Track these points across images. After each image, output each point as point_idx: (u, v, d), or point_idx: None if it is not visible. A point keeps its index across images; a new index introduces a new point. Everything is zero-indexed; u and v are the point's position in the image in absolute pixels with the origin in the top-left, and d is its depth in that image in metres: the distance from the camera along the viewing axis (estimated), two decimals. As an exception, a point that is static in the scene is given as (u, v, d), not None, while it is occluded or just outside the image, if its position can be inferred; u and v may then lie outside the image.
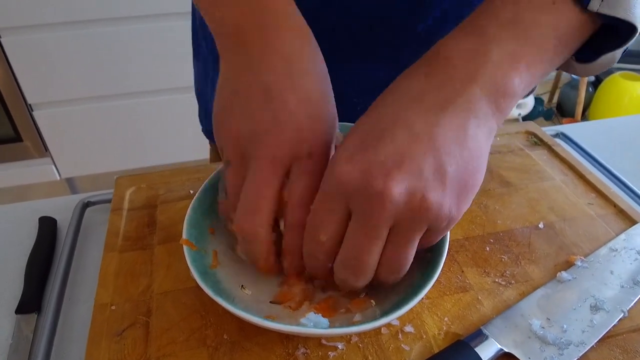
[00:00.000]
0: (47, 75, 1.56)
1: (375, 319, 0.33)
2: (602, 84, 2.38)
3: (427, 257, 0.37)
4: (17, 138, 1.69)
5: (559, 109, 2.53)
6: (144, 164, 1.81)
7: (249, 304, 0.37)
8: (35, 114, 1.64)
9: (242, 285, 0.38)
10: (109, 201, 0.51)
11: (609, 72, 2.48)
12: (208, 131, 0.72)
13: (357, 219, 0.30)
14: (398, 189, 0.28)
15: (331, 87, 0.36)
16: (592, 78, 2.57)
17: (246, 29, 0.33)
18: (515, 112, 2.29)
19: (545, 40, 0.31)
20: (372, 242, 0.30)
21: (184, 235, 0.37)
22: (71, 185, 1.93)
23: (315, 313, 0.34)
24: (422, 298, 0.34)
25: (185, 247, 0.36)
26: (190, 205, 0.40)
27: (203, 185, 0.42)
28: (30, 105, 1.62)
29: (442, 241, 0.36)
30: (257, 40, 0.33)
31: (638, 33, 0.32)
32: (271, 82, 0.32)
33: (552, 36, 0.31)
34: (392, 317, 0.32)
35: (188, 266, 0.35)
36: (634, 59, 2.64)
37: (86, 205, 0.52)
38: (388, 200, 0.28)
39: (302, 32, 0.35)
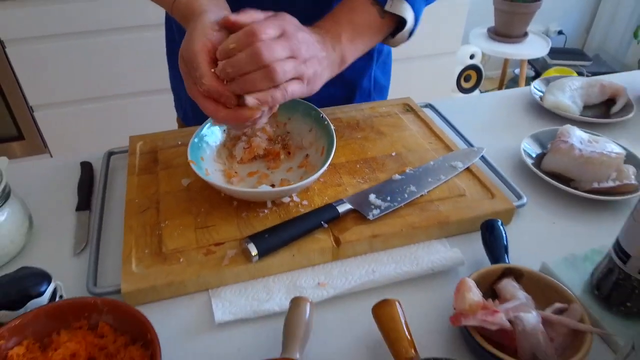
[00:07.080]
0: (46, 80, 1.77)
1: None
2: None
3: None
4: (20, 136, 1.91)
5: (498, 101, 2.87)
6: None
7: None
8: (35, 114, 1.85)
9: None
10: (126, 151, 0.80)
11: (546, 67, 2.86)
12: (186, 116, 0.99)
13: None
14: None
15: None
16: (532, 73, 2.96)
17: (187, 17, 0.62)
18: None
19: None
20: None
21: (190, 158, 0.66)
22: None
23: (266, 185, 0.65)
24: (319, 178, 0.64)
25: (191, 164, 0.65)
26: (189, 146, 0.68)
27: (192, 138, 0.71)
28: (31, 106, 1.83)
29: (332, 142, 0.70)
30: (190, 17, 0.61)
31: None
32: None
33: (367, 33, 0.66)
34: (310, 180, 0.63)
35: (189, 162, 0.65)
36: (567, 56, 3.03)
37: (111, 153, 0.81)
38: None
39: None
